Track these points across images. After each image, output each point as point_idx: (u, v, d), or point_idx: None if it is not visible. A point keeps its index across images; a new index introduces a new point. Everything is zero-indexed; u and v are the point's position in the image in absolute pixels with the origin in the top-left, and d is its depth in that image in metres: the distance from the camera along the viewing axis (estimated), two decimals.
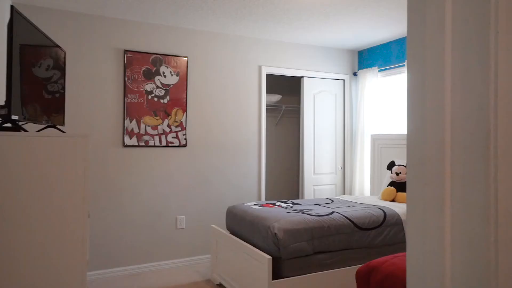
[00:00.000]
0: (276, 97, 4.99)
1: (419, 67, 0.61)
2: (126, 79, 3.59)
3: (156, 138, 3.72)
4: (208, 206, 3.98)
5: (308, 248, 2.62)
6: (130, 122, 3.61)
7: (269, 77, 5.12)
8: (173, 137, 3.80)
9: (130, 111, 3.61)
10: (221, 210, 4.01)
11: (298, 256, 2.59)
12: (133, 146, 3.63)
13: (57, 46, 2.04)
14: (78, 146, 1.58)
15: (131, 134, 3.61)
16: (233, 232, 3.22)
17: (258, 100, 4.29)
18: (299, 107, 5.27)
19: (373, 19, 3.62)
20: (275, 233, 2.56)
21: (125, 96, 3.59)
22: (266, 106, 5.02)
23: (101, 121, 3.51)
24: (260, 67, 4.29)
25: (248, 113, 4.22)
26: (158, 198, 3.75)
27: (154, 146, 3.72)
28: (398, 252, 2.98)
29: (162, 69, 3.75)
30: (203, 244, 3.93)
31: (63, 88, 2.14)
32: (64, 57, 2.16)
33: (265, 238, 2.65)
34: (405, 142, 3.97)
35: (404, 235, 3.02)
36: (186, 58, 3.86)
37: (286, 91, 5.44)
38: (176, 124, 3.82)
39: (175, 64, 3.80)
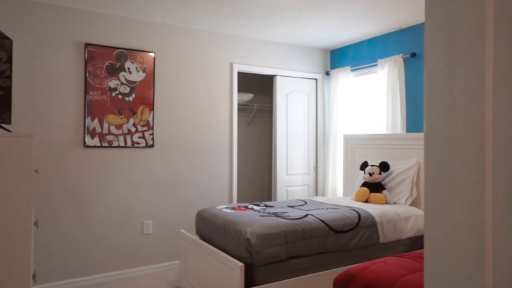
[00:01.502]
0: (248, 96, 4.86)
1: (446, 48, 0.49)
2: (87, 74, 3.34)
3: (121, 138, 3.49)
4: (176, 210, 3.79)
5: (282, 253, 2.50)
6: (92, 121, 3.36)
7: (241, 75, 4.99)
8: (139, 137, 3.58)
9: (92, 109, 3.36)
10: (190, 214, 3.83)
11: (272, 262, 2.47)
12: (95, 146, 3.38)
13: (5, 36, 1.81)
14: (23, 147, 1.38)
15: (93, 133, 3.37)
16: (203, 238, 3.05)
17: (230, 98, 4.14)
18: (272, 107, 5.17)
19: (346, 17, 3.57)
20: (248, 239, 2.42)
21: (86, 93, 3.34)
22: (238, 105, 4.88)
23: (59, 120, 3.24)
24: (231, 65, 4.14)
25: (219, 112, 4.07)
26: (123, 202, 3.52)
27: (119, 146, 3.49)
28: (372, 254, 2.93)
29: (127, 64, 3.52)
30: (171, 250, 3.74)
31: (10, 83, 1.90)
32: (11, 48, 1.92)
33: (237, 244, 2.51)
34: (377, 142, 4.00)
35: (378, 236, 2.98)
36: (153, 54, 3.65)
37: (258, 90, 5.32)
38: (143, 123, 3.60)
39: (141, 59, 3.59)
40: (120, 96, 3.49)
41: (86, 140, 3.34)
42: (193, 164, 3.89)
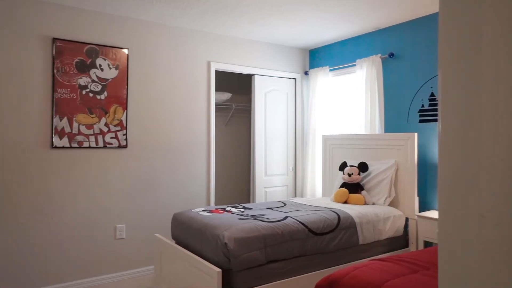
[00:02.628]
0: (226, 96, 4.76)
1: (469, 37, 0.42)
2: (55, 71, 3.15)
3: (92, 138, 3.33)
4: (151, 214, 3.64)
5: (261, 257, 2.43)
6: (60, 120, 3.18)
7: (219, 74, 4.89)
8: (111, 138, 3.42)
9: (60, 107, 3.18)
10: (166, 217, 3.70)
11: (251, 266, 2.38)
12: (64, 147, 3.20)
13: None
14: None
15: (61, 134, 3.19)
16: (179, 242, 2.94)
17: (207, 98, 4.03)
18: (250, 106, 5.09)
19: (326, 16, 3.53)
20: (225, 243, 2.33)
21: (54, 90, 3.15)
22: (216, 104, 4.77)
23: (23, 119, 3.04)
24: (209, 63, 4.04)
25: (196, 111, 3.95)
26: (94, 205, 3.35)
27: (90, 147, 3.32)
28: (352, 256, 2.90)
29: (99, 61, 3.36)
30: (146, 255, 3.59)
31: None
32: None
33: (214, 249, 2.42)
34: (356, 142, 4.00)
35: (357, 238, 2.95)
36: (126, 50, 3.50)
37: (236, 89, 5.23)
38: (115, 123, 3.45)
39: (113, 56, 3.43)
40: (91, 94, 3.32)
41: (53, 140, 3.15)
42: (169, 166, 3.76)
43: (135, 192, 3.56)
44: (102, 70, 3.37)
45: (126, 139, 3.49)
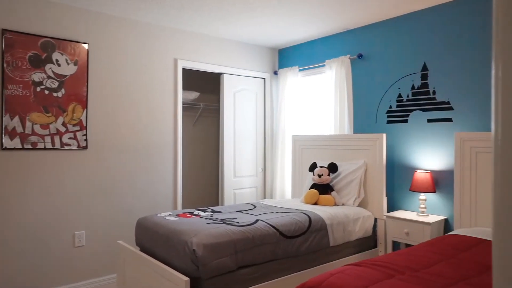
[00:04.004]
0: (193, 95, 4.62)
1: None
2: (5, 65, 2.89)
3: (48, 139, 3.08)
4: (114, 219, 3.44)
5: (231, 263, 2.33)
6: (12, 119, 2.92)
7: (186, 72, 4.74)
8: (70, 138, 3.19)
9: (11, 105, 2.92)
10: (129, 223, 3.51)
11: (220, 273, 2.28)
12: (15, 149, 2.94)
13: None
14: None
15: (12, 134, 2.93)
16: (144, 249, 2.78)
17: (174, 97, 3.88)
18: (219, 106, 4.97)
19: (296, 15, 3.49)
20: (194, 250, 2.21)
21: (3, 87, 2.89)
22: (183, 104, 4.62)
23: None
24: (176, 61, 3.88)
25: (162, 111, 3.78)
26: (50, 211, 3.11)
27: (45, 149, 3.07)
28: (323, 258, 2.87)
29: (55, 56, 3.12)
30: (107, 263, 3.39)
31: None
32: None
33: (182, 256, 2.29)
34: (325, 142, 4.00)
35: (328, 240, 2.92)
36: (86, 45, 3.28)
37: (204, 88, 5.10)
38: (74, 122, 3.22)
39: (72, 51, 3.20)
40: (46, 92, 3.08)
41: (3, 141, 2.89)
42: (133, 168, 3.57)
43: (96, 196, 3.34)
44: (59, 65, 3.14)
45: (86, 140, 3.27)
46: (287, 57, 4.66)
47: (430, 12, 3.23)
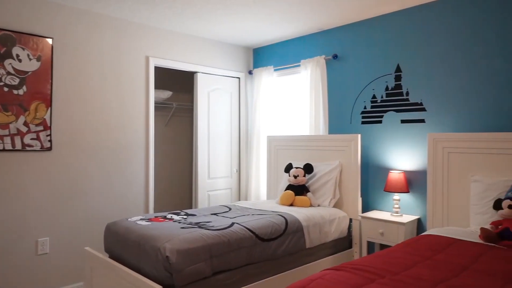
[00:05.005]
0: (166, 94, 4.48)
1: None
2: None
3: (7, 140, 2.88)
4: (80, 224, 3.26)
5: (206, 269, 2.24)
6: None
7: (159, 70, 4.59)
8: (32, 139, 3.00)
9: None
10: (98, 228, 3.34)
11: (195, 280, 2.19)
12: None
13: None
14: None
15: None
16: (113, 256, 2.64)
17: (146, 96, 3.73)
18: (192, 106, 4.86)
19: (270, 15, 3.44)
20: (167, 256, 2.11)
21: None
22: (155, 103, 4.47)
23: None
24: (147, 58, 3.74)
25: (133, 110, 3.63)
26: (11, 217, 2.90)
27: (4, 150, 2.87)
28: (299, 261, 2.84)
29: (16, 50, 2.92)
30: (74, 271, 3.21)
31: None
32: None
33: (154, 263, 2.18)
34: (300, 143, 3.97)
35: (304, 241, 2.89)
36: (50, 40, 3.09)
37: (177, 87, 4.96)
38: (37, 122, 3.02)
39: (34, 45, 3.00)
40: (6, 89, 2.87)
41: None
42: (102, 170, 3.40)
43: (61, 200, 3.16)
44: (20, 61, 2.93)
45: (50, 141, 3.08)
46: (262, 56, 4.61)
47: (403, 14, 3.27)
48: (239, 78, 4.61)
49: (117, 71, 3.51)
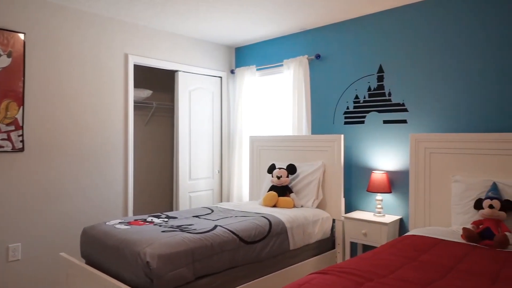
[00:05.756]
0: (146, 93, 4.36)
1: None
2: None
3: None
4: (55, 229, 3.12)
5: (188, 274, 2.17)
6: None
7: (138, 68, 4.47)
8: (3, 139, 2.84)
9: None
10: (74, 232, 3.21)
11: (177, 286, 2.11)
12: None
13: None
14: None
15: None
16: (90, 261, 2.53)
17: (124, 95, 3.61)
18: (173, 105, 4.76)
19: (253, 13, 3.39)
20: (148, 262, 2.03)
21: None
22: (134, 102, 4.35)
23: None
24: (126, 56, 3.62)
25: (111, 109, 3.51)
26: None
27: None
28: (283, 263, 2.80)
29: None
30: (48, 278, 3.06)
31: None
32: None
33: (134, 268, 2.09)
34: (283, 143, 3.94)
35: (288, 243, 2.86)
36: (23, 35, 2.94)
37: (157, 86, 4.84)
38: (8, 121, 2.87)
39: (5, 41, 2.85)
40: None
41: None
42: (78, 171, 3.27)
43: (34, 203, 3.01)
44: None
45: (22, 141, 2.93)
46: (244, 56, 4.55)
47: (386, 14, 3.28)
48: (221, 77, 4.54)
49: (94, 69, 3.38)
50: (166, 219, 2.80)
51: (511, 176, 2.48)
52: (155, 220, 2.77)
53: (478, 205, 2.40)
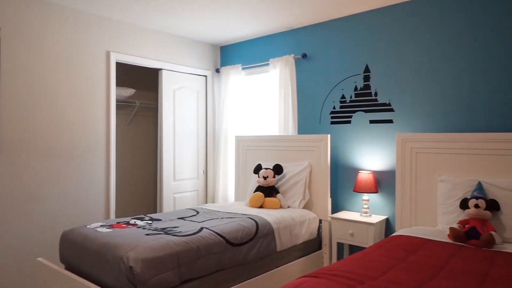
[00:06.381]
0: (128, 91, 4.25)
1: None
2: None
3: None
4: (33, 233, 2.99)
5: (173, 278, 2.10)
6: None
7: (121, 66, 4.36)
8: None
9: None
10: (52, 236, 3.08)
11: None
12: None
13: None
14: None
15: None
16: (70, 267, 2.42)
17: (106, 93, 3.50)
18: (157, 104, 4.66)
19: (238, 11, 3.34)
20: (131, 266, 1.95)
21: None
22: (117, 101, 4.24)
23: None
24: (108, 53, 3.51)
25: (92, 109, 3.39)
26: None
27: None
28: (270, 265, 2.76)
29: None
30: (25, 285, 2.93)
31: None
32: None
33: (117, 274, 2.01)
34: (269, 143, 3.90)
35: (275, 245, 2.82)
36: None
37: (141, 85, 4.73)
38: None
39: None
40: None
41: None
42: (57, 173, 3.14)
43: (11, 206, 2.87)
44: None
45: None
46: (230, 54, 4.49)
47: (373, 14, 3.28)
48: (206, 76, 4.47)
49: (74, 66, 3.26)
50: (150, 222, 2.72)
51: (496, 175, 2.51)
52: (139, 222, 2.68)
53: (463, 204, 2.42)
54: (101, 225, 2.56)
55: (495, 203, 2.33)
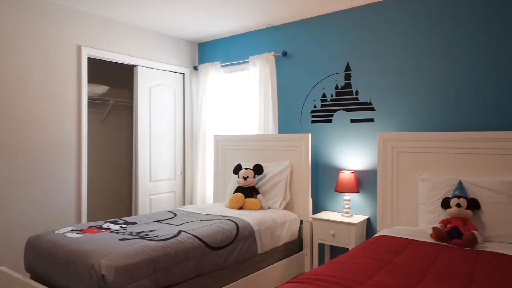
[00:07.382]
0: (101, 89, 4.06)
1: None
2: None
3: None
4: None
5: (150, 285, 1.98)
6: None
7: (93, 62, 4.16)
8: None
9: None
10: (17, 243, 2.88)
11: None
12: None
13: None
14: None
15: None
16: (36, 276, 2.25)
17: (77, 90, 3.32)
18: (132, 102, 4.49)
19: (217, 7, 3.23)
20: (103, 275, 1.82)
21: None
22: (89, 99, 4.04)
23: None
24: (79, 47, 3.32)
25: (62, 106, 3.20)
26: None
27: None
28: (250, 268, 2.68)
29: None
30: None
31: None
32: None
33: (88, 283, 1.87)
34: (249, 143, 3.81)
35: (256, 247, 2.73)
36: None
37: (114, 82, 4.54)
38: None
39: None
40: None
41: None
42: (23, 175, 2.94)
43: None
44: None
45: None
46: (208, 51, 4.37)
47: (353, 12, 3.25)
48: (183, 73, 4.33)
49: (42, 61, 3.06)
50: (124, 225, 2.58)
51: (476, 174, 2.52)
52: (112, 226, 2.53)
53: (445, 204, 2.41)
54: (71, 230, 2.40)
55: (476, 202, 2.33)
